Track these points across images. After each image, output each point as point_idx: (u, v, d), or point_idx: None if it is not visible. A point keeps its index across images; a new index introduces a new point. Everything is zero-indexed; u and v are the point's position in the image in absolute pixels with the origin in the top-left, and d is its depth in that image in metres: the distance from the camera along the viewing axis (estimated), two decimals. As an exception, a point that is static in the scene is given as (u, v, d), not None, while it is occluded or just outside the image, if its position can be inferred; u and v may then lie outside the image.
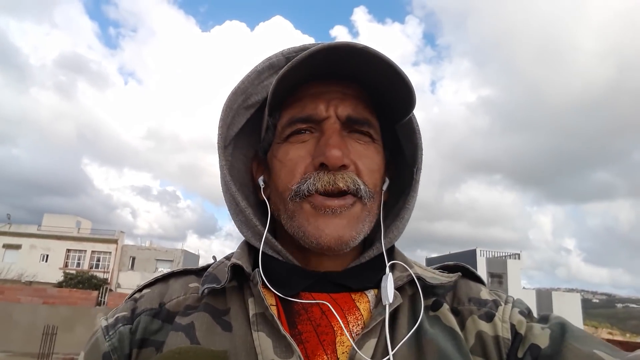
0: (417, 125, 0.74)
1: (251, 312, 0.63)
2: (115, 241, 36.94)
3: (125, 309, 0.68)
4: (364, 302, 0.67)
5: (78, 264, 36.05)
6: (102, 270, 35.30)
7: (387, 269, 0.67)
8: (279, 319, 0.61)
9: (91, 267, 35.62)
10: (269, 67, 0.74)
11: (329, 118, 0.66)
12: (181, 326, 0.63)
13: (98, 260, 36.64)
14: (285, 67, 0.64)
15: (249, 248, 0.73)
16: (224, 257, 0.75)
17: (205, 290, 0.66)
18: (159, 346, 0.62)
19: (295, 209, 0.66)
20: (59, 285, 25.19)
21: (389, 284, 0.64)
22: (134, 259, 37.07)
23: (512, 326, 0.63)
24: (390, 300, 0.63)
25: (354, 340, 0.61)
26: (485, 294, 0.69)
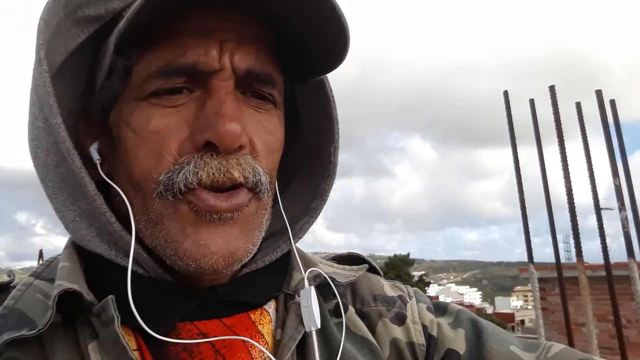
0: (331, 91, 0.55)
1: None
2: None
3: None
4: (266, 322, 0.50)
5: None
6: None
7: (306, 282, 0.50)
8: None
9: None
10: None
11: (222, 71, 0.44)
12: None
13: None
14: None
15: (79, 254, 0.48)
16: (32, 274, 0.48)
17: (3, 345, 0.39)
18: None
19: (165, 211, 0.44)
20: None
21: (313, 302, 0.48)
22: None
23: (424, 328, 0.56)
24: (319, 325, 0.47)
25: None
26: (388, 288, 0.59)
